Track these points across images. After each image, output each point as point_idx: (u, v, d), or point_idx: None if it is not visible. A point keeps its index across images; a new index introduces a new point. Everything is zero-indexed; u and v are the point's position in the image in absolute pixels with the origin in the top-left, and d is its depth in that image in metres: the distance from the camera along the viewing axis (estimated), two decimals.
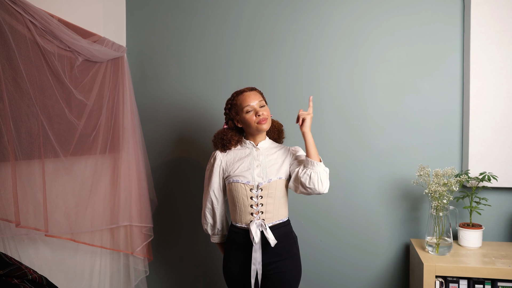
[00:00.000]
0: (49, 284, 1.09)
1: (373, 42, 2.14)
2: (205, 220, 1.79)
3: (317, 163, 1.54)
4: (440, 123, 2.08)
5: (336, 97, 2.19)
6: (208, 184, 1.75)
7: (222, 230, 1.81)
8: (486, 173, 1.88)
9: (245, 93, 1.67)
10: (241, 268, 1.65)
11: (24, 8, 1.43)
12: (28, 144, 1.47)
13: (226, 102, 1.74)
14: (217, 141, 1.74)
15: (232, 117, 1.71)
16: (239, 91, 1.70)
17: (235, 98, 1.69)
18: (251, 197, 1.62)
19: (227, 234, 1.79)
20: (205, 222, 1.79)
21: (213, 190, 1.73)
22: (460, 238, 1.94)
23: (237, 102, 1.67)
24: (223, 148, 1.72)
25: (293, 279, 1.67)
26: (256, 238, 1.57)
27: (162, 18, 2.38)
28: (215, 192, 1.74)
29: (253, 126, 1.64)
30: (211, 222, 1.78)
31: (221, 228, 1.81)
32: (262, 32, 2.26)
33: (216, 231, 1.80)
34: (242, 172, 1.64)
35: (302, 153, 1.72)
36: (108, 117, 2.01)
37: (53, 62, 1.61)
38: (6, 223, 1.43)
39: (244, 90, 1.69)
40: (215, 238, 1.83)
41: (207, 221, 1.79)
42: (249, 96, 1.65)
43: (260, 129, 1.64)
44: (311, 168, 1.54)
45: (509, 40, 1.92)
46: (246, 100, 1.64)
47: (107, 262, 2.10)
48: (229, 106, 1.71)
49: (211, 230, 1.80)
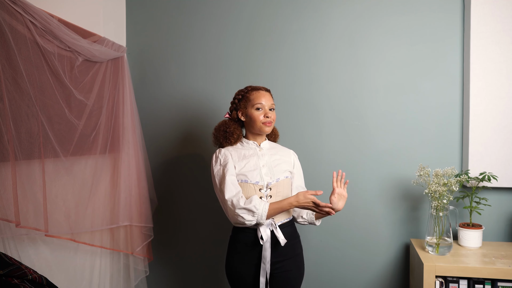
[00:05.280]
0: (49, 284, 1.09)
1: (373, 42, 2.14)
2: (240, 212, 1.54)
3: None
4: (440, 123, 2.08)
5: (336, 97, 2.19)
6: (223, 178, 1.60)
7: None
8: (486, 173, 1.88)
9: (261, 91, 1.69)
10: (247, 267, 1.64)
11: (24, 8, 1.43)
12: (28, 144, 1.47)
13: (238, 92, 1.73)
14: (218, 133, 1.72)
15: (238, 108, 1.71)
16: (255, 87, 1.71)
17: (249, 92, 1.69)
18: (260, 197, 1.61)
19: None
20: (241, 213, 1.54)
21: (232, 183, 1.59)
22: (460, 238, 1.94)
23: (250, 96, 1.68)
24: (225, 140, 1.70)
25: (297, 278, 1.68)
26: (265, 237, 1.57)
27: (162, 18, 2.38)
28: (234, 183, 1.60)
29: (257, 124, 1.65)
30: (248, 201, 1.55)
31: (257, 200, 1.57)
32: (262, 32, 2.26)
33: (261, 203, 1.56)
34: (249, 171, 1.63)
35: (299, 170, 1.80)
36: (108, 117, 2.01)
37: (53, 62, 1.61)
38: (6, 223, 1.43)
39: (261, 88, 1.71)
40: (263, 211, 1.55)
41: (243, 209, 1.54)
42: (264, 96, 1.67)
43: (263, 130, 1.66)
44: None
45: (509, 40, 1.92)
46: (260, 98, 1.66)
47: (107, 262, 2.10)
48: (239, 97, 1.71)
49: (253, 215, 1.54)
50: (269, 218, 1.59)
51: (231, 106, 1.75)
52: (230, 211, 1.57)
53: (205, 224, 2.36)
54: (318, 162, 2.20)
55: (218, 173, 1.65)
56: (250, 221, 1.55)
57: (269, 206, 1.56)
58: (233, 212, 1.56)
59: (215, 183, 1.66)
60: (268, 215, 1.56)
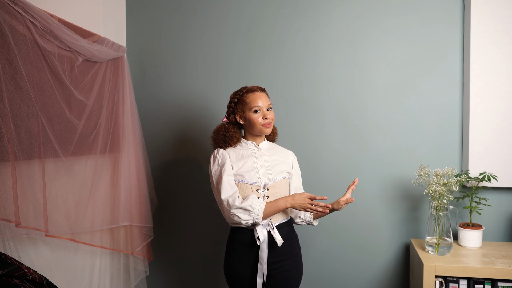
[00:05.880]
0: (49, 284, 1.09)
1: (373, 42, 2.14)
2: (235, 212, 1.54)
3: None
4: (440, 123, 2.08)
5: (336, 97, 2.19)
6: (220, 178, 1.60)
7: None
8: (486, 173, 1.88)
9: (256, 92, 1.67)
10: (245, 268, 1.64)
11: (24, 8, 1.43)
12: (28, 144, 1.46)
13: (233, 95, 1.71)
14: (218, 137, 1.71)
15: (236, 112, 1.70)
16: (249, 88, 1.69)
17: (245, 95, 1.67)
18: (257, 197, 1.61)
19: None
20: (237, 213, 1.54)
21: (228, 183, 1.59)
22: (460, 238, 1.94)
23: (246, 99, 1.66)
24: (225, 144, 1.70)
25: (296, 278, 1.68)
26: (262, 238, 1.57)
27: (162, 18, 2.38)
28: (231, 183, 1.60)
29: (257, 127, 1.65)
30: (243, 205, 1.55)
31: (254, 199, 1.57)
32: (262, 32, 2.26)
33: (258, 203, 1.56)
34: (247, 171, 1.63)
35: (297, 171, 1.79)
36: (108, 117, 2.01)
37: (53, 62, 1.61)
38: (6, 223, 1.43)
39: (255, 89, 1.68)
40: (260, 210, 1.55)
41: (239, 209, 1.54)
42: (260, 97, 1.65)
43: (263, 131, 1.66)
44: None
45: (509, 40, 1.92)
46: (256, 100, 1.64)
47: (107, 262, 2.10)
48: (235, 100, 1.69)
49: (249, 214, 1.55)
50: (266, 218, 1.58)
51: (228, 110, 1.73)
52: (226, 211, 1.57)
53: (205, 224, 2.36)
54: (318, 162, 2.20)
55: (215, 173, 1.65)
56: (246, 220, 1.55)
57: (265, 204, 1.56)
58: (229, 212, 1.56)
59: (213, 183, 1.66)
60: (264, 214, 1.55)
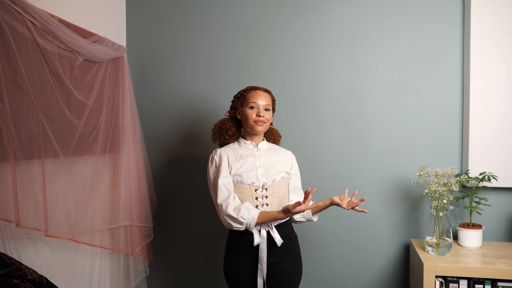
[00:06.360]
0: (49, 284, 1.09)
1: (373, 42, 2.14)
2: (227, 218, 1.56)
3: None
4: (440, 123, 2.08)
5: (336, 97, 2.19)
6: (216, 179, 1.61)
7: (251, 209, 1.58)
8: (486, 173, 1.88)
9: (258, 90, 1.70)
10: (245, 268, 1.64)
11: (24, 8, 1.43)
12: (28, 144, 1.46)
13: (238, 91, 1.77)
14: (216, 129, 1.77)
15: (236, 106, 1.73)
16: (254, 87, 1.73)
17: (247, 91, 1.71)
18: (256, 198, 1.62)
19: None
20: (228, 220, 1.56)
21: (224, 185, 1.59)
22: (460, 238, 1.94)
23: (246, 95, 1.70)
24: (220, 136, 1.74)
25: (295, 278, 1.68)
26: (257, 240, 1.57)
27: (162, 18, 2.38)
28: (227, 186, 1.60)
29: (249, 122, 1.66)
30: (237, 208, 1.56)
31: (249, 206, 1.57)
32: (262, 32, 2.26)
33: (250, 214, 1.56)
34: (246, 171, 1.63)
35: (296, 171, 1.77)
36: (108, 117, 2.01)
37: (53, 62, 1.61)
38: (6, 223, 1.43)
39: (259, 88, 1.72)
40: (251, 221, 1.56)
41: (230, 217, 1.55)
42: (260, 95, 1.68)
43: (254, 128, 1.66)
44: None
45: (509, 40, 1.92)
46: (255, 97, 1.67)
47: (107, 262, 2.10)
48: (238, 95, 1.75)
49: (240, 223, 1.55)
50: (259, 225, 1.59)
51: (231, 105, 1.78)
52: (221, 215, 1.59)
53: (205, 224, 2.36)
54: (318, 162, 2.20)
55: (213, 175, 1.66)
56: (238, 227, 1.57)
57: (259, 215, 1.55)
58: (222, 217, 1.58)
59: (210, 184, 1.67)
60: (257, 223, 1.56)
